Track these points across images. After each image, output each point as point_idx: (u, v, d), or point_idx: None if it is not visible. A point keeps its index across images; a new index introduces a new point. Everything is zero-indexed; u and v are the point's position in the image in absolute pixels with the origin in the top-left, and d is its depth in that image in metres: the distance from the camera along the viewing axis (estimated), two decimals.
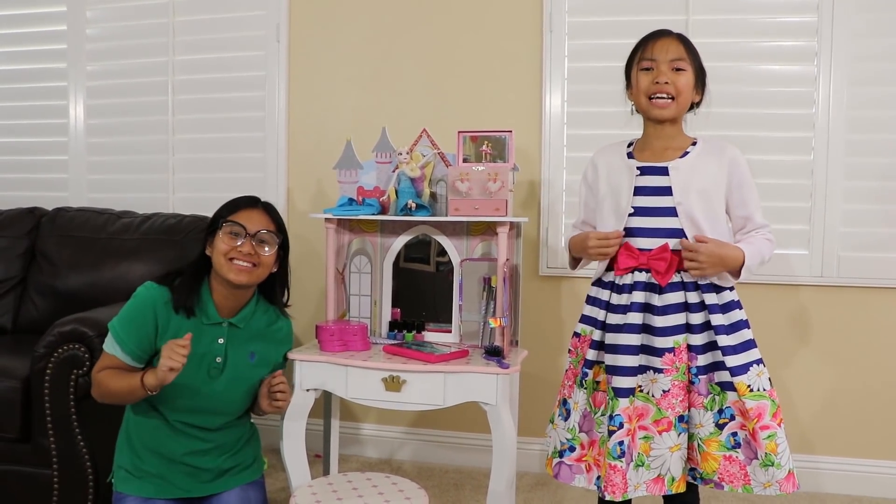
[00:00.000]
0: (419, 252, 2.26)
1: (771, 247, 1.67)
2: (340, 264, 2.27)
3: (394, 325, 2.24)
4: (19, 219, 2.77)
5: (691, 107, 1.71)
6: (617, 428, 1.59)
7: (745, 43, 2.50)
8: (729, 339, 1.59)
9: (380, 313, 2.27)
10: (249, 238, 1.76)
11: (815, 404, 2.54)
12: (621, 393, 1.60)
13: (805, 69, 2.47)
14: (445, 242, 2.20)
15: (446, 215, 2.11)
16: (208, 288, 1.80)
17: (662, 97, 1.64)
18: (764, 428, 1.56)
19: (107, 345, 1.72)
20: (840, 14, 2.43)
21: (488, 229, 2.15)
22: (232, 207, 1.81)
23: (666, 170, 1.64)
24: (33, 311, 2.63)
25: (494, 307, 2.09)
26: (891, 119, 2.43)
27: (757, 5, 2.50)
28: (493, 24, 2.69)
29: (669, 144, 1.68)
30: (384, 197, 2.20)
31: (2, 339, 2.49)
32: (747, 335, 1.62)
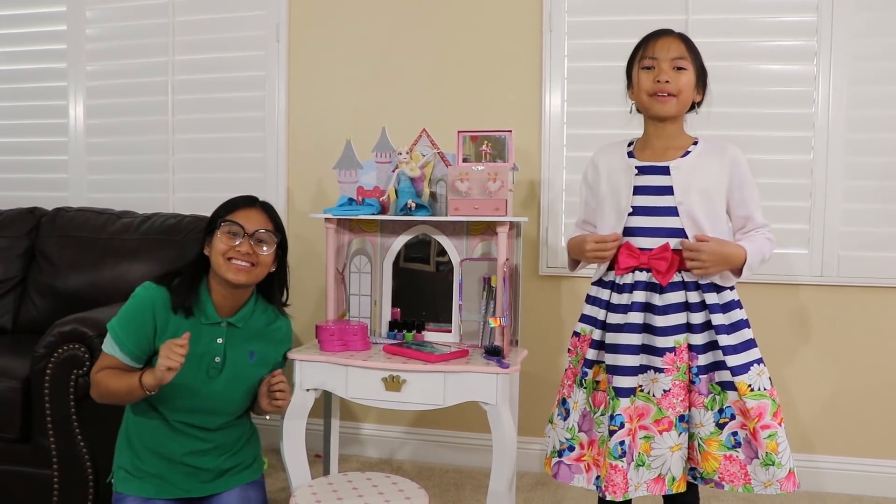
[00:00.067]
0: (419, 252, 2.26)
1: (771, 246, 1.67)
2: (340, 264, 2.27)
3: (394, 325, 2.24)
4: (19, 219, 2.77)
5: (692, 107, 1.71)
6: (618, 428, 1.59)
7: (745, 42, 2.50)
8: (729, 339, 1.59)
9: (380, 313, 2.26)
10: (248, 238, 1.76)
11: (816, 404, 2.53)
12: (622, 392, 1.60)
13: (805, 68, 2.47)
14: (445, 242, 2.20)
15: (446, 215, 2.11)
16: (207, 288, 1.80)
17: (663, 94, 1.63)
18: (765, 427, 1.56)
19: (105, 345, 1.72)
20: (839, 13, 2.43)
21: (488, 229, 2.15)
22: (230, 207, 1.81)
23: (667, 169, 1.64)
24: (33, 311, 2.63)
25: (494, 307, 2.09)
26: (890, 118, 2.43)
27: (756, 5, 2.50)
28: (493, 24, 2.68)
29: (671, 144, 1.68)
30: (384, 197, 2.20)
31: (2, 339, 2.49)
32: (748, 335, 1.62)
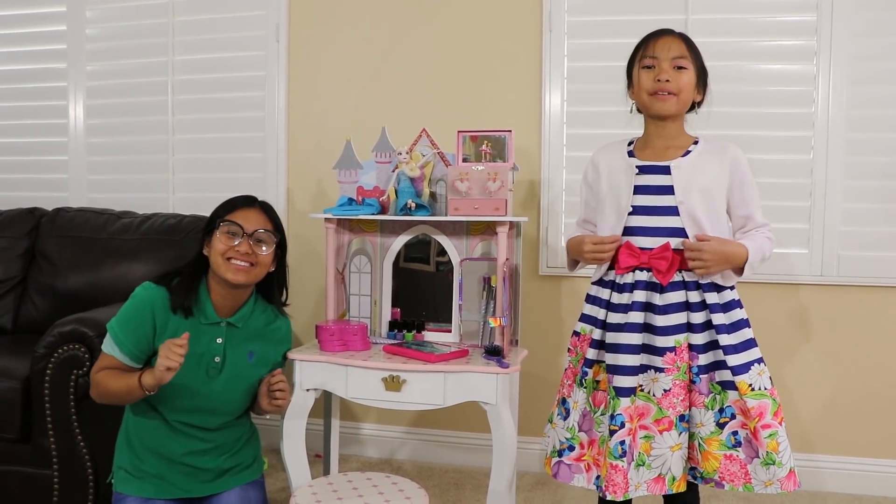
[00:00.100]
0: (419, 252, 2.26)
1: (771, 245, 1.67)
2: (340, 264, 2.27)
3: (394, 325, 2.24)
4: (19, 219, 2.77)
5: (693, 107, 1.71)
6: (618, 427, 1.59)
7: (745, 42, 2.50)
8: (730, 339, 1.59)
9: (380, 313, 2.26)
10: (247, 237, 1.75)
11: (816, 403, 2.53)
12: (623, 392, 1.60)
13: (804, 68, 2.47)
14: (445, 242, 2.20)
15: (446, 215, 2.11)
16: (206, 288, 1.80)
17: (664, 93, 1.63)
18: (765, 427, 1.56)
19: (105, 345, 1.72)
20: (839, 13, 2.43)
21: (488, 229, 2.15)
22: (229, 207, 1.80)
23: (668, 168, 1.64)
24: (33, 312, 2.63)
25: (494, 307, 2.09)
26: (890, 118, 2.43)
27: (756, 4, 2.50)
28: (493, 24, 2.68)
29: (671, 143, 1.68)
30: (384, 197, 2.20)
31: (2, 340, 2.49)
32: (748, 334, 1.62)
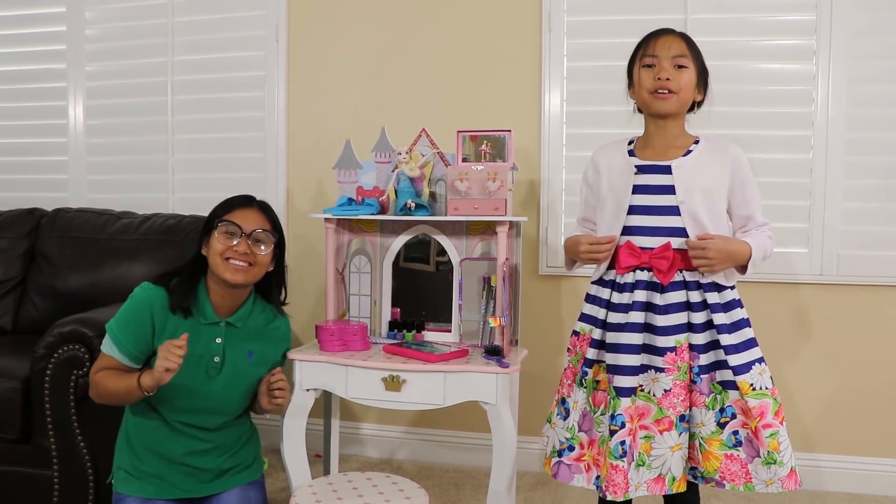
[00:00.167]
0: (419, 252, 2.26)
1: (772, 244, 1.67)
2: (340, 264, 2.27)
3: (394, 325, 2.24)
4: (19, 219, 2.77)
5: (693, 107, 1.71)
6: (619, 427, 1.58)
7: (744, 41, 2.50)
8: (731, 338, 1.59)
9: (380, 313, 2.26)
10: (245, 237, 1.75)
11: (817, 402, 2.53)
12: (623, 392, 1.60)
13: (804, 67, 2.47)
14: (445, 242, 2.20)
15: (446, 215, 2.11)
16: (205, 288, 1.80)
17: (664, 92, 1.63)
18: (766, 426, 1.56)
19: (104, 346, 1.72)
20: (839, 12, 2.42)
21: (488, 229, 2.15)
22: (227, 207, 1.80)
23: (668, 168, 1.64)
24: (33, 312, 2.63)
25: (494, 306, 2.09)
26: (890, 117, 2.43)
27: (755, 4, 2.49)
28: (493, 24, 2.68)
29: (672, 143, 1.68)
30: (383, 197, 2.20)
31: (2, 340, 2.49)
32: (749, 334, 1.62)
